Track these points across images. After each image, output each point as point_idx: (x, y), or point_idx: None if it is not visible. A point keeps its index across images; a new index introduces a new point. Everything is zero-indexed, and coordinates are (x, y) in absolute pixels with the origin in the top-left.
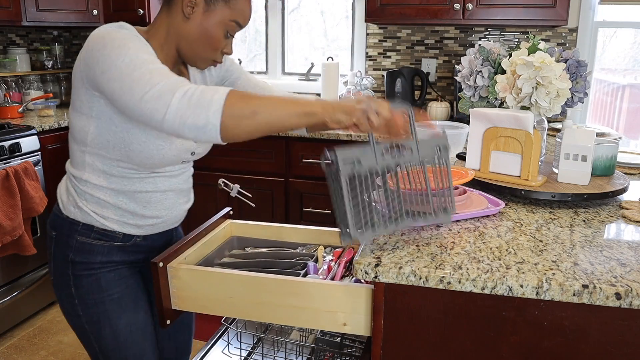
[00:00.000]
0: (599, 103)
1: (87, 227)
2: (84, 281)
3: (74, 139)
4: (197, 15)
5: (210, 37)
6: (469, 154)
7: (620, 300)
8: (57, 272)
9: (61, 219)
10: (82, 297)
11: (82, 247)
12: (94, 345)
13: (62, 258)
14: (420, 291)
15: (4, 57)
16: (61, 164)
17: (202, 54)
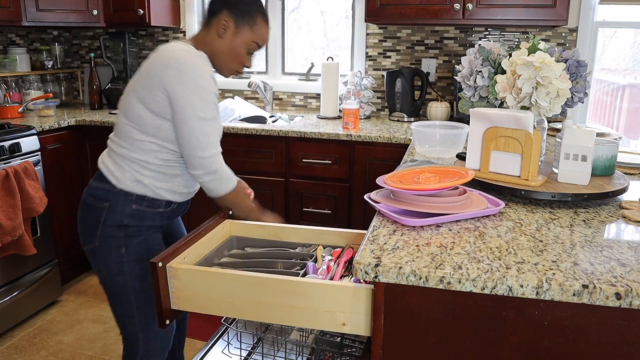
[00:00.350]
0: (599, 103)
1: (140, 197)
2: (134, 241)
3: (144, 132)
4: (228, 35)
5: (236, 53)
6: (469, 154)
7: (620, 300)
8: (106, 236)
9: (114, 193)
10: (131, 254)
11: (136, 213)
12: (131, 300)
13: (116, 223)
14: (420, 291)
15: (4, 57)
16: (61, 163)
17: (228, 65)
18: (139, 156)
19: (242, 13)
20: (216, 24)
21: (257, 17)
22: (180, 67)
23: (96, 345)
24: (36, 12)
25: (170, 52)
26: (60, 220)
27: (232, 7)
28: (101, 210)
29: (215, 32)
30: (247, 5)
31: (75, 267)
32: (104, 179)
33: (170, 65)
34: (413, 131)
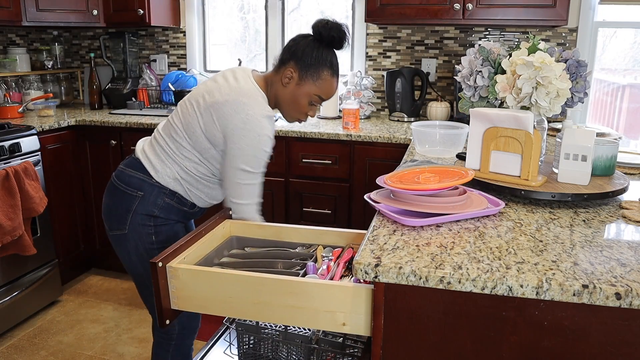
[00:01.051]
0: (599, 103)
1: (172, 193)
2: (163, 229)
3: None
4: (291, 85)
5: (298, 103)
6: (469, 154)
7: (620, 300)
8: (137, 224)
9: (150, 184)
10: (161, 242)
11: (166, 206)
12: None
13: (147, 213)
14: (420, 291)
15: (4, 57)
16: (61, 164)
17: (290, 113)
18: (182, 161)
19: (307, 66)
20: (283, 72)
21: (322, 71)
22: (246, 120)
23: (96, 345)
24: (36, 12)
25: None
26: (60, 220)
27: (298, 59)
28: (134, 199)
29: (280, 79)
30: (313, 59)
31: (75, 267)
32: (142, 168)
33: (238, 114)
34: (413, 131)
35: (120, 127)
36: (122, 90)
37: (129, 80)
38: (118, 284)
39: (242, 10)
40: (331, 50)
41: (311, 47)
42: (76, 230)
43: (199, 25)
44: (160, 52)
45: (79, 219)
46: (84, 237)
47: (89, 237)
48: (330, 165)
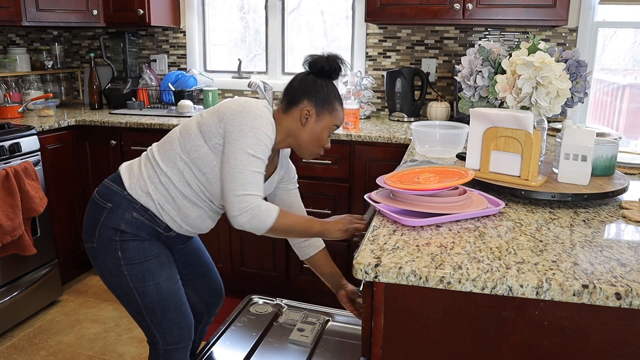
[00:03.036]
0: (599, 103)
1: (144, 208)
2: (130, 245)
3: (182, 146)
4: (310, 123)
5: (319, 138)
6: (469, 154)
7: (620, 300)
8: (103, 238)
9: (121, 195)
10: (127, 258)
11: (135, 221)
12: (137, 301)
13: (113, 226)
14: (420, 291)
15: (4, 57)
16: (61, 163)
17: (311, 150)
18: (165, 168)
19: (322, 101)
20: (297, 112)
21: (334, 102)
22: (244, 103)
23: (96, 345)
24: (36, 12)
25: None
26: (60, 220)
27: (312, 97)
28: (102, 210)
29: (296, 120)
30: (325, 93)
31: (75, 267)
32: (118, 179)
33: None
34: (413, 131)
35: (120, 127)
36: (122, 90)
37: (129, 80)
38: None
39: (242, 10)
40: (331, 81)
41: (319, 83)
42: (76, 230)
43: (199, 25)
44: (160, 52)
45: (79, 219)
46: None
47: None
48: (330, 165)
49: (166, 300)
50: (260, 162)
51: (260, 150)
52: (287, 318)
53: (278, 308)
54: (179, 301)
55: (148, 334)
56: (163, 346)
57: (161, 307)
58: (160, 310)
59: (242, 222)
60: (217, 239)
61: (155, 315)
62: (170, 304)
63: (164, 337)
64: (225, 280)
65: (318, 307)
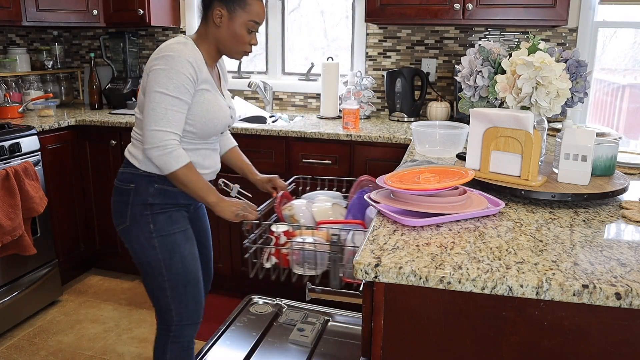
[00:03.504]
0: (599, 103)
1: (161, 177)
2: (160, 217)
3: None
4: (224, 23)
5: (237, 35)
6: (469, 154)
7: (620, 300)
8: (135, 215)
9: (138, 175)
10: (159, 230)
11: (159, 192)
12: (163, 273)
13: (142, 202)
14: (420, 291)
15: (4, 57)
16: (61, 163)
17: (235, 48)
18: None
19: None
20: (211, 15)
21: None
22: (159, 52)
23: (96, 345)
24: (36, 12)
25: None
26: (60, 220)
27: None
28: (128, 192)
29: (212, 23)
30: None
31: (75, 267)
32: (129, 163)
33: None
34: (413, 131)
35: (120, 127)
36: (122, 90)
37: (129, 80)
38: (118, 284)
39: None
40: None
41: None
42: (76, 230)
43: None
44: None
45: (79, 219)
46: (84, 237)
47: (89, 237)
48: (330, 165)
49: (188, 274)
50: (174, 99)
51: (174, 87)
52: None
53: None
54: (198, 278)
55: (163, 310)
56: (176, 322)
57: (183, 281)
58: (182, 283)
59: (152, 155)
60: (217, 238)
61: (177, 288)
62: (190, 279)
63: (180, 312)
64: (225, 280)
65: (318, 307)
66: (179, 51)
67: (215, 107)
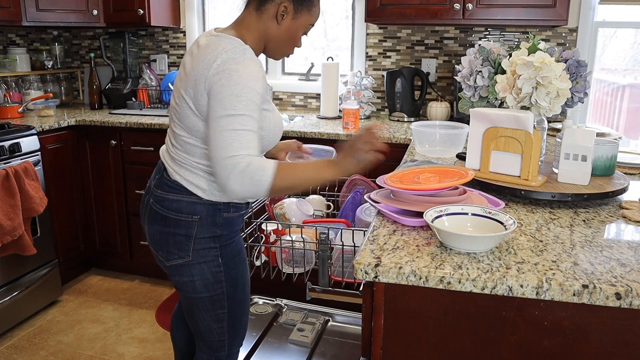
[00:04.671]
0: (599, 103)
1: (227, 204)
2: (228, 249)
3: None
4: (287, 21)
5: (294, 37)
6: (469, 154)
7: (620, 300)
8: (200, 250)
9: (202, 204)
10: (227, 263)
11: (227, 221)
12: (224, 306)
13: (210, 235)
14: (420, 291)
15: (4, 57)
16: (61, 163)
17: (284, 49)
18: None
19: None
20: (273, 9)
21: None
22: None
23: (96, 345)
24: (36, 12)
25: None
26: (60, 220)
27: None
28: (190, 224)
29: (271, 18)
30: None
31: (75, 267)
32: (186, 191)
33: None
34: (413, 131)
35: (120, 127)
36: (122, 90)
37: (129, 80)
38: (118, 284)
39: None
40: None
41: None
42: (76, 230)
43: (199, 25)
44: (160, 52)
45: (79, 219)
46: (84, 237)
47: (89, 237)
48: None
49: (246, 302)
50: (244, 117)
51: (241, 106)
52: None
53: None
54: (249, 303)
55: (215, 342)
56: (228, 351)
57: (241, 311)
58: (240, 314)
59: (235, 188)
60: None
61: (234, 320)
62: (247, 307)
63: (232, 342)
64: None
65: (318, 307)
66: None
67: (279, 117)
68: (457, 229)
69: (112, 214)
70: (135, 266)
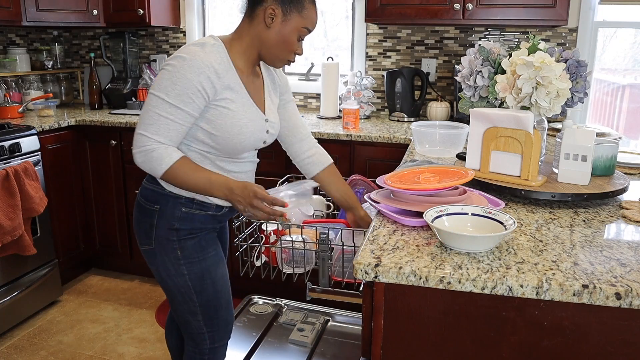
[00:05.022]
0: (599, 103)
1: (189, 200)
2: (188, 243)
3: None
4: (276, 24)
5: (286, 41)
6: (469, 154)
7: (620, 300)
8: (160, 239)
9: (164, 195)
10: (187, 257)
11: (186, 216)
12: (194, 300)
13: (168, 227)
14: (420, 291)
15: (4, 57)
16: (61, 163)
17: (280, 55)
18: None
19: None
20: (261, 13)
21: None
22: (176, 52)
23: (96, 345)
24: (36, 12)
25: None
26: (60, 220)
27: None
28: (153, 213)
29: (261, 22)
30: None
31: (75, 267)
32: (155, 180)
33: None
34: (413, 131)
35: (120, 127)
36: (122, 90)
37: (129, 80)
38: (118, 284)
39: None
40: None
41: None
42: (76, 230)
43: (199, 25)
44: (160, 52)
45: (79, 219)
46: (84, 237)
47: (89, 237)
48: None
49: (220, 297)
50: (170, 107)
51: (175, 95)
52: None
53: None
54: (229, 299)
55: (195, 335)
56: (210, 345)
57: (215, 305)
58: (214, 308)
59: (138, 161)
60: None
61: (209, 314)
62: (222, 302)
63: (213, 336)
64: None
65: (318, 307)
66: (195, 54)
67: (243, 120)
68: (457, 229)
69: (112, 214)
70: (135, 266)
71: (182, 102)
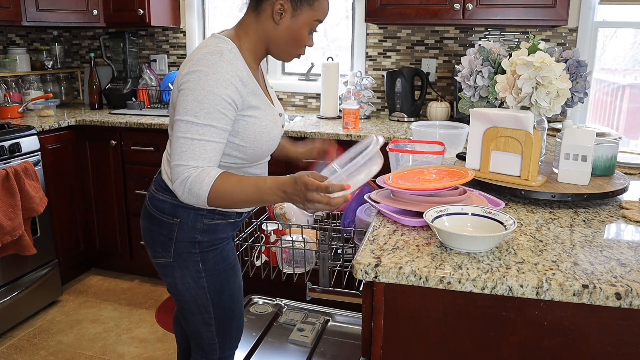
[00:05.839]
0: (599, 103)
1: (210, 211)
2: (210, 255)
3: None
4: (285, 20)
5: (298, 37)
6: (469, 154)
7: (620, 300)
8: (181, 253)
9: (183, 208)
10: (209, 269)
11: (209, 227)
12: (210, 311)
13: (190, 240)
14: (420, 291)
15: (4, 57)
16: (61, 164)
17: (290, 51)
18: None
19: None
20: (269, 8)
21: None
22: (190, 65)
23: (96, 345)
24: (36, 12)
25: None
26: (60, 220)
27: None
28: (172, 226)
29: (268, 18)
30: None
31: (75, 267)
32: (171, 192)
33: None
34: (413, 131)
35: (120, 127)
36: (122, 90)
37: (129, 80)
38: (118, 284)
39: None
40: None
41: None
42: (76, 230)
43: (199, 25)
44: (160, 52)
45: (79, 219)
46: (84, 237)
47: (89, 237)
48: None
49: (235, 308)
50: (201, 127)
51: (204, 114)
52: (287, 318)
53: (278, 308)
54: (242, 308)
55: (206, 345)
56: (220, 354)
57: (230, 316)
58: (229, 318)
59: (179, 195)
60: None
61: (223, 324)
62: (237, 312)
63: (224, 345)
64: None
65: (318, 307)
66: (216, 65)
67: (270, 125)
68: (457, 229)
69: (112, 214)
70: (135, 266)
71: (214, 120)
